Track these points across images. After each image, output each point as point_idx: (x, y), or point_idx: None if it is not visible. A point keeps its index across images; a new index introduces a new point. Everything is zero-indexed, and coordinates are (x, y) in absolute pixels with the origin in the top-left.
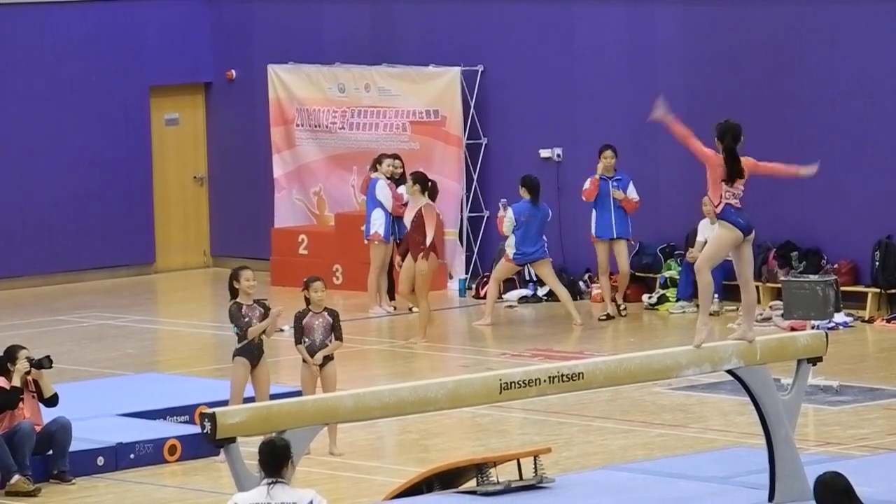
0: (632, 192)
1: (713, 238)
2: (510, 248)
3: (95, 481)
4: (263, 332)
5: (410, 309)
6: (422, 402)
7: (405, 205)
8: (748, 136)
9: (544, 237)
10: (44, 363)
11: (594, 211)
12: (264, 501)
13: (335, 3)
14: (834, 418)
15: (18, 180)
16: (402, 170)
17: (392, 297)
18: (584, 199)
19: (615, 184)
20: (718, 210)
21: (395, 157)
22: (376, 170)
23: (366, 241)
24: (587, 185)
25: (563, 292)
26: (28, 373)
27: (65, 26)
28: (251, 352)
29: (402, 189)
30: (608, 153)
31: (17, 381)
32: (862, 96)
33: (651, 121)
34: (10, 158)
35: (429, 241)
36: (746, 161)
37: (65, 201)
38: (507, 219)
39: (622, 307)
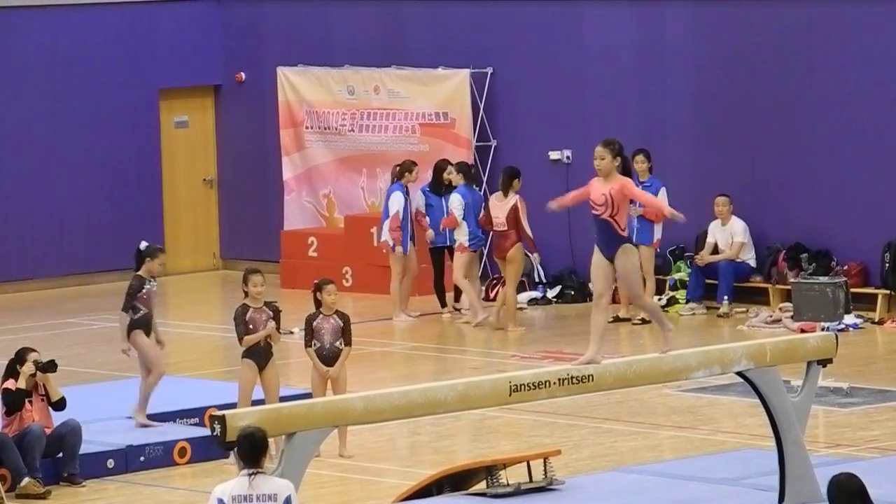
0: (661, 199)
1: (628, 270)
2: (463, 236)
3: (106, 484)
4: (268, 336)
5: (458, 309)
6: (432, 405)
7: (398, 228)
8: (756, 136)
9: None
10: (49, 367)
11: None
12: (246, 493)
13: (344, 6)
14: (844, 420)
15: (29, 183)
16: (452, 176)
17: None
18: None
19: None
20: (626, 234)
21: (456, 163)
22: (402, 177)
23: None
24: None
25: (467, 286)
26: (34, 375)
27: (75, 29)
28: (258, 354)
29: (453, 198)
30: (640, 157)
31: (22, 384)
32: (872, 97)
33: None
34: (21, 160)
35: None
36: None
37: (74, 204)
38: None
39: (642, 317)
